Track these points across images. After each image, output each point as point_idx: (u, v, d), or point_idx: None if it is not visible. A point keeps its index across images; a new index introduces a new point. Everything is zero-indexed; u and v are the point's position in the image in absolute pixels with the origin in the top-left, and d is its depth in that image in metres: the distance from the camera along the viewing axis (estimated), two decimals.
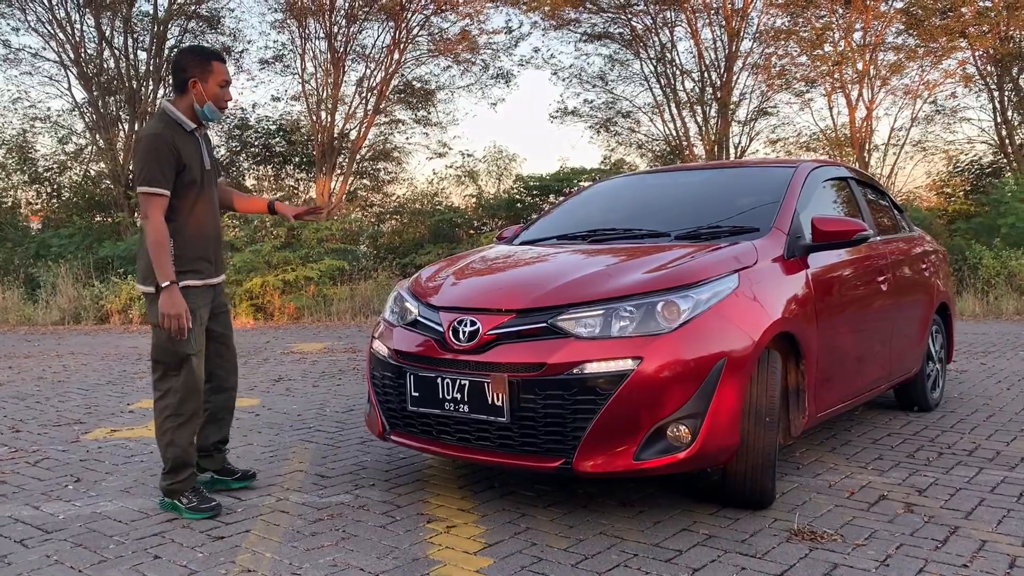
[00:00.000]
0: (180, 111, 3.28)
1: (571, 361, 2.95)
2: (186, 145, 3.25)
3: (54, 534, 3.03)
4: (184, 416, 3.26)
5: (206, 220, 3.33)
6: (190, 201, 3.27)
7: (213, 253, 3.38)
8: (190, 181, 3.25)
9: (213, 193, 3.41)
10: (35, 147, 19.12)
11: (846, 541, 2.90)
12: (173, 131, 3.23)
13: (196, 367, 3.27)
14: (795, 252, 3.63)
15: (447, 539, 2.95)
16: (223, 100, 3.33)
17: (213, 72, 3.29)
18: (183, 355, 3.22)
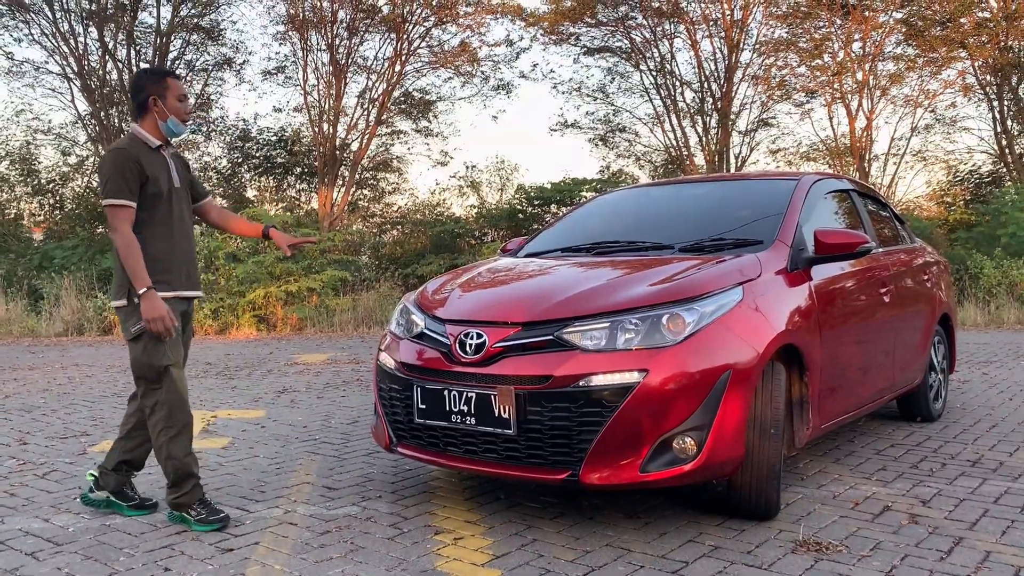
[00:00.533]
0: (145, 130, 3.36)
1: (577, 374, 2.98)
2: (151, 161, 3.31)
3: (64, 547, 3.05)
4: (175, 428, 3.28)
5: (175, 234, 3.36)
6: (157, 215, 3.31)
7: (183, 267, 3.39)
8: (155, 194, 3.29)
9: (184, 210, 3.44)
10: (38, 159, 19.21)
11: (851, 552, 2.92)
12: (138, 148, 3.30)
13: (177, 377, 3.28)
14: (798, 264, 3.66)
15: (455, 551, 2.97)
16: (183, 113, 3.39)
17: (169, 88, 3.36)
18: (160, 367, 3.24)
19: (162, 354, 3.23)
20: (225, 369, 8.04)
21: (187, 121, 3.43)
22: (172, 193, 3.37)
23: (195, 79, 19.27)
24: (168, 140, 3.43)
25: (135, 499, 3.47)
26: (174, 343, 3.28)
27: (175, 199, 3.38)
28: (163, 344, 3.23)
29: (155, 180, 3.28)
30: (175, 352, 3.28)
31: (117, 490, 3.45)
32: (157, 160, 3.34)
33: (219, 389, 6.76)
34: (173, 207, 3.36)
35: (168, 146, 3.44)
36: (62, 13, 17.24)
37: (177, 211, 3.38)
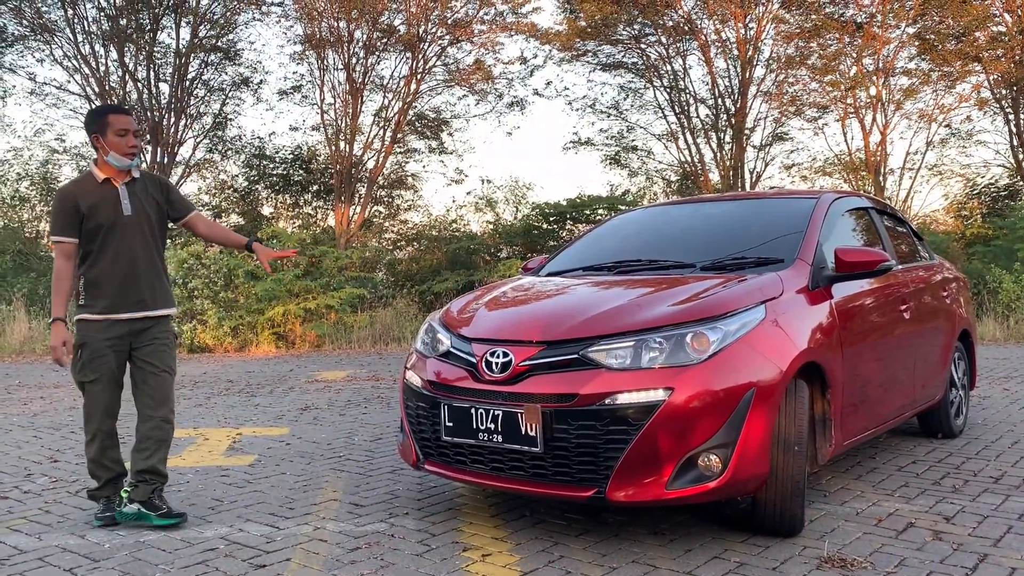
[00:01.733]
0: (96, 166, 3.65)
1: (603, 392, 3.03)
2: (92, 197, 3.58)
3: (102, 563, 3.12)
4: (89, 434, 3.66)
5: (115, 261, 3.59)
6: (96, 244, 3.59)
7: (122, 290, 3.59)
8: (94, 228, 3.58)
9: (133, 236, 3.63)
10: (58, 179, 19.48)
11: (876, 568, 2.94)
12: (81, 186, 3.61)
13: (95, 393, 3.61)
14: (819, 283, 3.70)
15: (483, 567, 3.02)
16: (124, 147, 3.59)
17: (109, 124, 3.59)
18: (79, 382, 3.63)
19: (80, 371, 3.61)
20: (247, 387, 8.12)
21: (130, 154, 3.60)
22: (117, 223, 3.60)
23: (213, 98, 19.53)
24: (124, 171, 3.65)
25: (164, 508, 3.59)
26: (94, 365, 3.58)
27: (121, 228, 3.61)
28: (84, 363, 3.58)
29: (92, 215, 3.57)
30: (93, 372, 3.58)
31: (145, 500, 3.58)
32: (103, 194, 3.60)
33: (242, 407, 6.84)
34: (117, 236, 3.60)
35: (125, 175, 3.66)
36: (83, 35, 17.55)
37: (123, 238, 3.61)
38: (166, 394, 3.69)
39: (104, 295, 3.58)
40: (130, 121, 3.64)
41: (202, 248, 12.79)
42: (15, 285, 14.42)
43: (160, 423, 3.65)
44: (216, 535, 3.44)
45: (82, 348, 3.58)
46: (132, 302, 3.62)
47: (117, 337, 3.60)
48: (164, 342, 3.72)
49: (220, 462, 4.79)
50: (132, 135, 3.61)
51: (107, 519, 3.58)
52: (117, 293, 3.59)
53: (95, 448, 3.65)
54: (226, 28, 18.64)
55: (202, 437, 5.54)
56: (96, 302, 3.58)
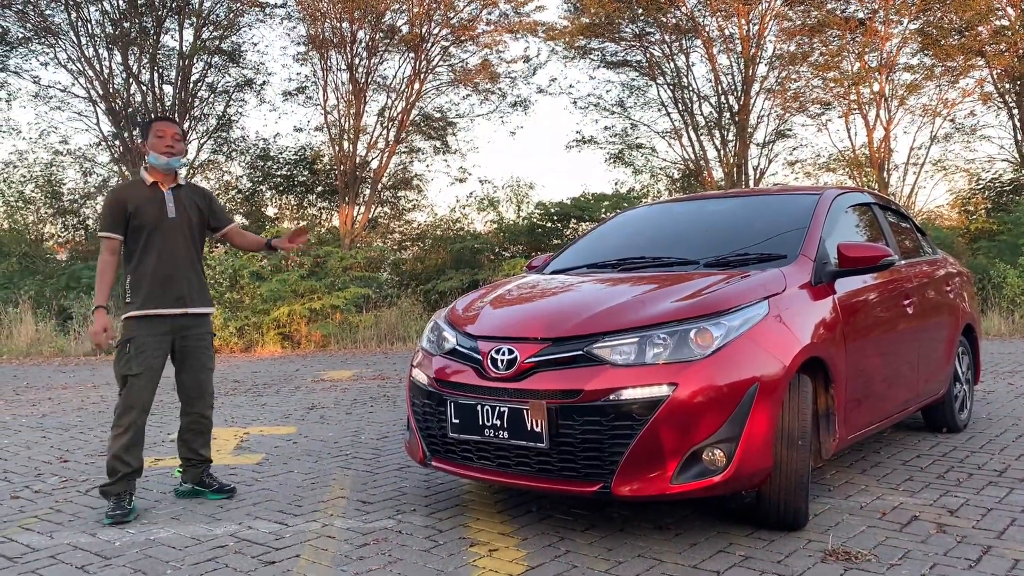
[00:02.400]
0: (145, 171, 3.94)
1: (607, 388, 3.05)
2: (139, 198, 3.85)
3: (113, 560, 3.16)
4: (120, 428, 3.77)
5: (159, 260, 3.84)
6: (141, 243, 3.84)
7: (164, 288, 3.84)
8: (139, 227, 3.84)
9: (176, 238, 3.91)
10: (63, 181, 19.57)
11: (880, 561, 2.96)
12: (131, 188, 3.90)
13: (137, 388, 3.77)
14: (822, 278, 3.72)
15: (490, 562, 3.05)
16: (161, 146, 3.86)
17: (152, 129, 3.90)
18: (123, 375, 3.77)
19: (126, 364, 3.77)
20: (253, 387, 8.16)
21: (166, 153, 3.86)
22: (162, 224, 3.86)
23: (217, 100, 19.58)
24: (171, 175, 3.94)
25: (215, 484, 4.02)
26: (141, 359, 3.76)
27: (165, 229, 3.87)
28: (130, 357, 3.76)
29: (138, 215, 3.83)
30: (139, 366, 3.76)
31: (197, 481, 4.01)
32: (150, 196, 3.88)
33: (249, 406, 6.88)
34: (161, 236, 3.86)
35: (172, 180, 3.95)
36: (87, 38, 17.62)
37: (167, 239, 3.87)
38: (204, 390, 3.99)
39: (147, 292, 3.81)
40: (170, 126, 3.93)
41: (207, 249, 12.84)
42: (21, 287, 14.48)
43: (198, 418, 4.00)
44: (225, 532, 3.47)
45: (129, 342, 3.78)
46: (173, 299, 3.86)
47: (161, 333, 3.83)
48: (204, 341, 3.99)
49: (228, 461, 4.82)
50: (169, 136, 3.88)
51: (117, 517, 3.65)
52: (159, 290, 3.83)
53: (124, 442, 3.75)
54: (229, 30, 18.69)
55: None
56: (140, 299, 3.81)
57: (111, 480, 3.77)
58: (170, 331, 3.86)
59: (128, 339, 3.79)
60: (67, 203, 19.42)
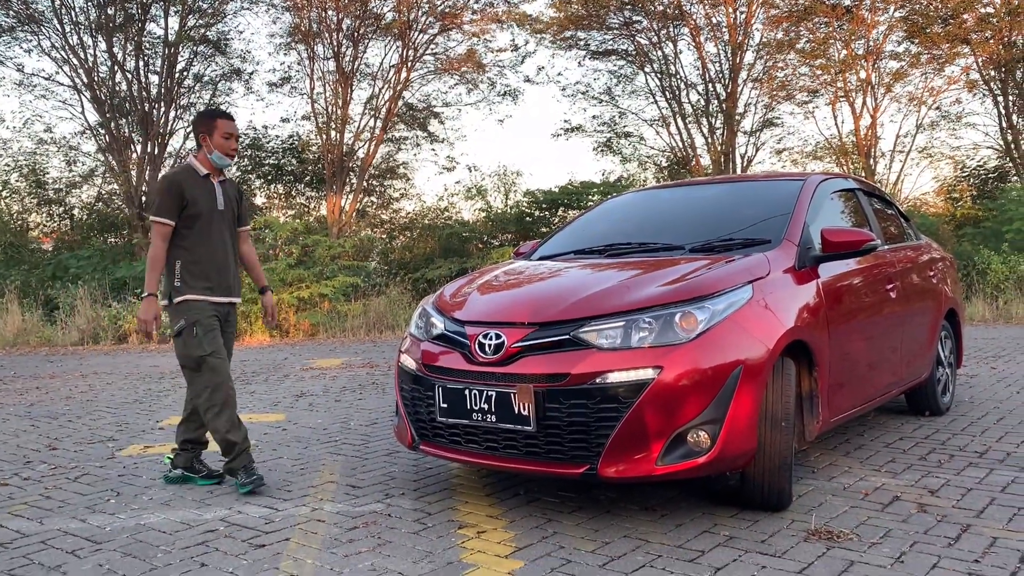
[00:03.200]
0: (198, 161, 3.99)
1: (594, 371, 3.09)
2: (195, 187, 3.90)
3: (103, 545, 3.18)
4: (217, 406, 3.83)
5: (211, 249, 3.93)
6: (195, 231, 3.89)
7: (216, 276, 3.93)
8: (194, 215, 3.88)
9: (223, 229, 4.00)
10: (47, 170, 19.41)
11: (862, 540, 3.01)
12: (187, 175, 3.93)
13: (216, 364, 3.84)
14: (806, 263, 3.76)
15: (478, 544, 3.08)
16: (228, 149, 3.99)
17: (216, 127, 3.97)
18: (197, 356, 3.82)
19: (199, 346, 3.81)
20: (242, 375, 8.17)
21: (231, 155, 4.00)
22: (213, 214, 3.94)
23: (203, 90, 19.46)
24: (219, 169, 4.02)
25: (204, 471, 4.04)
26: (210, 337, 3.84)
27: (216, 219, 3.96)
28: (200, 338, 3.80)
29: (194, 203, 3.88)
30: (211, 344, 3.83)
31: (188, 466, 4.04)
32: (202, 186, 3.94)
33: (238, 394, 6.88)
34: (212, 226, 3.94)
35: (220, 174, 4.04)
36: (71, 25, 17.45)
37: (216, 229, 3.96)
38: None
39: (204, 278, 3.90)
40: (234, 127, 4.02)
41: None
42: (7, 277, 14.40)
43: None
44: (215, 517, 3.50)
45: (195, 324, 3.84)
46: (224, 287, 3.98)
47: (216, 316, 3.93)
48: (233, 328, 4.12)
49: (217, 448, 4.82)
50: (234, 139, 4.01)
51: (255, 483, 3.79)
52: (214, 277, 3.93)
53: (225, 418, 3.83)
54: (215, 17, 18.56)
55: None
56: (198, 283, 3.89)
57: (231, 457, 3.86)
58: (219, 316, 3.95)
59: (194, 321, 3.84)
60: (52, 192, 19.26)
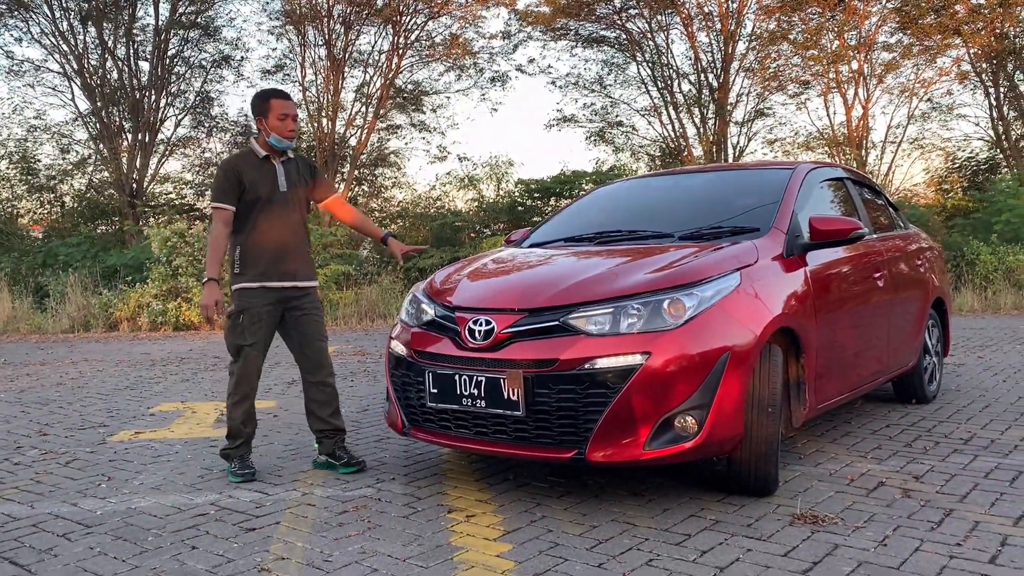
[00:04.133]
0: (257, 143, 3.95)
1: (582, 357, 3.11)
2: (254, 171, 3.87)
3: (94, 528, 3.19)
4: (237, 396, 3.88)
5: (270, 233, 3.87)
6: (253, 215, 3.85)
7: (275, 261, 3.87)
8: (253, 200, 3.85)
9: (287, 211, 3.93)
10: (38, 157, 19.30)
11: (846, 524, 3.05)
12: (244, 160, 3.91)
13: (251, 357, 3.85)
14: (794, 251, 3.79)
15: (467, 527, 3.11)
16: (284, 130, 3.88)
17: (271, 108, 3.87)
18: (238, 345, 3.84)
19: (240, 335, 3.84)
20: None
21: (289, 137, 3.90)
22: (274, 197, 3.89)
23: (194, 76, 19.37)
24: (280, 151, 3.93)
25: (344, 458, 3.98)
26: (254, 328, 3.83)
27: (277, 202, 3.90)
28: (244, 327, 3.82)
29: (252, 188, 3.85)
30: (252, 336, 3.83)
31: (330, 452, 4.01)
32: (261, 169, 3.89)
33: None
34: (273, 209, 3.88)
35: (282, 155, 3.95)
36: (61, 12, 17.34)
37: (278, 213, 3.89)
38: (322, 360, 4.01)
39: (259, 264, 3.86)
40: (290, 106, 3.91)
41: (186, 226, 12.76)
42: None
43: (321, 387, 4.02)
44: (206, 501, 3.52)
45: (242, 313, 3.84)
46: (282, 272, 3.90)
47: (271, 304, 3.88)
48: (314, 313, 4.02)
49: (208, 433, 4.86)
50: (291, 119, 3.89)
51: (247, 475, 3.80)
52: (270, 263, 3.87)
53: (243, 409, 3.88)
54: (205, 3, 18.45)
55: (190, 410, 5.61)
56: (252, 270, 3.86)
57: (233, 444, 3.90)
58: (279, 302, 3.90)
59: (242, 310, 3.83)
60: (43, 180, 19.16)
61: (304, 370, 4.02)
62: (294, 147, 3.96)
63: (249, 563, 2.81)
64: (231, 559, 2.84)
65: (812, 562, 2.71)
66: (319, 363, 4.00)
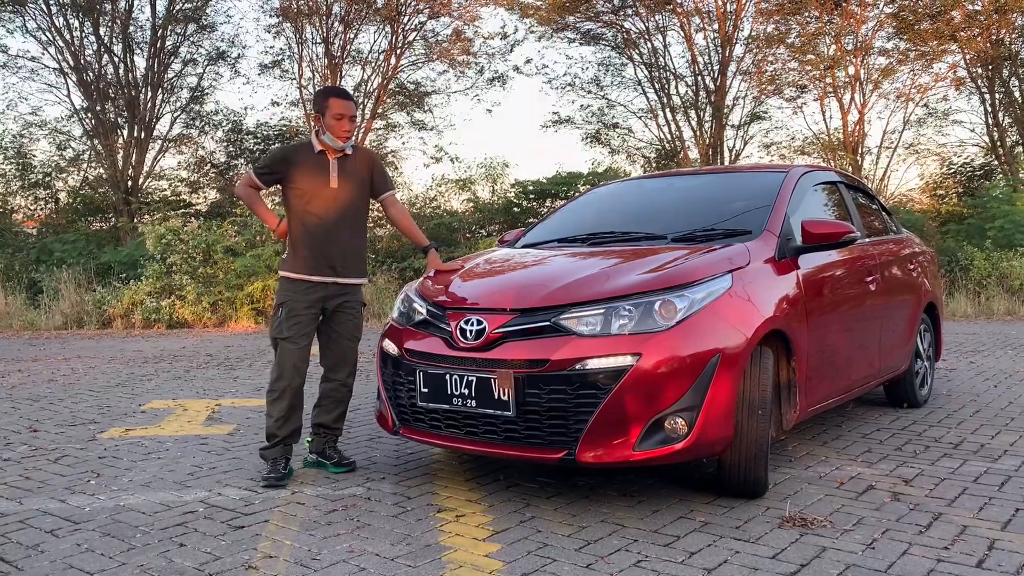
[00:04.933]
0: (314, 136, 3.90)
1: (573, 358, 3.11)
2: (305, 163, 3.85)
3: (82, 525, 3.18)
4: (276, 392, 3.82)
5: (318, 227, 3.84)
6: (301, 208, 3.84)
7: (320, 255, 3.84)
8: (301, 192, 3.84)
9: (336, 207, 3.87)
10: (33, 153, 19.23)
11: (835, 527, 3.06)
12: (299, 150, 3.90)
13: (290, 351, 3.80)
14: (786, 253, 3.80)
15: (456, 527, 3.11)
16: (339, 130, 3.85)
17: (329, 107, 3.84)
18: (274, 337, 3.85)
19: (277, 327, 3.84)
20: (226, 360, 8.16)
21: (343, 137, 3.85)
22: (321, 191, 3.84)
23: (189, 72, 19.32)
24: (331, 148, 3.88)
25: (335, 457, 3.96)
26: (292, 322, 3.80)
27: (325, 197, 3.85)
28: (282, 320, 3.81)
29: (298, 179, 3.83)
30: (289, 329, 3.80)
31: (320, 451, 3.98)
32: (314, 163, 3.86)
33: (221, 379, 6.89)
34: (321, 204, 3.84)
35: (338, 152, 3.89)
36: (57, 6, 17.29)
37: (326, 207, 3.84)
38: (347, 358, 4.00)
39: (302, 257, 3.84)
40: (348, 107, 3.87)
41: (180, 224, 12.74)
42: None
43: (339, 386, 4.00)
44: (195, 499, 3.51)
45: (282, 306, 3.84)
46: (325, 268, 3.86)
47: (313, 300, 3.85)
48: (352, 311, 3.99)
49: (199, 431, 4.85)
50: (347, 120, 3.85)
51: (271, 480, 3.69)
52: (313, 257, 3.84)
53: (282, 406, 3.79)
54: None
55: (181, 408, 5.59)
56: (295, 262, 3.85)
57: (269, 444, 3.82)
58: (322, 298, 3.87)
59: (282, 302, 3.84)
60: (38, 176, 19.09)
61: (325, 365, 4.01)
62: (348, 148, 3.90)
63: (236, 560, 2.80)
64: (218, 556, 2.84)
65: (800, 564, 2.71)
66: (339, 361, 3.98)
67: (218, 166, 20.88)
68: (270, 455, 3.81)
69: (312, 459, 4.01)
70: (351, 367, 4.01)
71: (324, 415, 3.99)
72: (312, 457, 4.01)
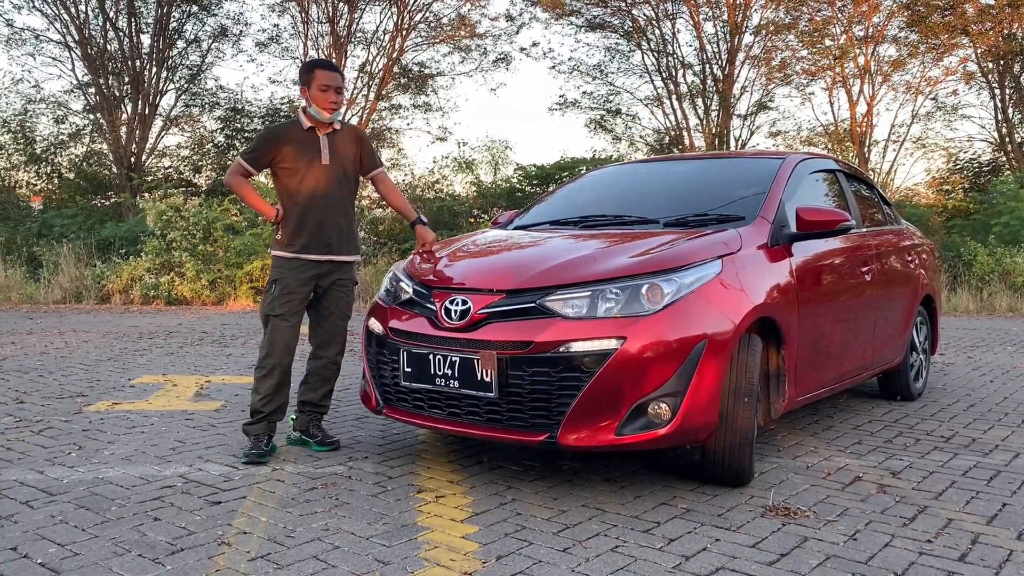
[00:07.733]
0: (302, 114, 3.84)
1: (557, 340, 3.06)
2: (296, 141, 3.79)
3: (58, 496, 3.16)
4: (264, 369, 3.78)
5: (311, 205, 3.79)
6: (293, 186, 3.79)
7: (314, 233, 3.79)
8: (292, 170, 3.79)
9: (329, 184, 3.83)
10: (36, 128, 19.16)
11: (818, 517, 3.02)
12: (289, 128, 3.84)
13: (281, 329, 3.77)
14: (779, 241, 3.74)
15: (435, 508, 3.08)
16: (325, 103, 3.77)
17: (315, 78, 3.77)
18: (266, 315, 3.80)
19: (270, 304, 3.80)
20: (221, 338, 8.13)
21: (329, 109, 3.77)
22: (313, 169, 3.80)
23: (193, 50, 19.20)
24: (326, 123, 3.83)
25: (318, 435, 3.93)
26: (284, 299, 3.77)
27: (318, 174, 3.80)
28: (275, 297, 3.78)
29: (291, 158, 3.78)
30: (282, 307, 3.77)
31: (304, 428, 3.95)
32: (304, 141, 3.80)
33: (214, 356, 6.86)
34: (313, 181, 3.80)
35: (328, 127, 3.84)
36: None
37: (319, 184, 3.80)
38: (337, 337, 3.96)
39: (297, 235, 3.79)
40: (334, 78, 3.79)
41: (181, 201, 12.69)
42: None
43: (327, 363, 3.96)
44: (175, 473, 3.48)
45: (275, 283, 3.81)
46: (321, 245, 3.82)
47: (306, 277, 3.81)
48: (345, 288, 3.96)
49: (186, 407, 4.82)
50: (334, 91, 3.77)
51: (252, 456, 3.65)
52: (308, 235, 3.79)
53: (270, 383, 3.76)
54: None
55: (170, 383, 5.57)
56: (290, 240, 3.80)
57: (252, 420, 3.79)
58: (316, 276, 3.84)
59: (275, 280, 3.81)
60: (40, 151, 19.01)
61: (314, 343, 3.97)
62: (335, 120, 3.84)
63: (210, 536, 2.77)
64: (192, 531, 2.81)
65: (779, 554, 2.67)
66: (329, 339, 3.94)
67: (219, 146, 20.77)
68: (253, 431, 3.78)
69: (296, 437, 3.98)
70: (340, 345, 3.97)
71: (311, 392, 3.95)
72: (296, 435, 3.98)
